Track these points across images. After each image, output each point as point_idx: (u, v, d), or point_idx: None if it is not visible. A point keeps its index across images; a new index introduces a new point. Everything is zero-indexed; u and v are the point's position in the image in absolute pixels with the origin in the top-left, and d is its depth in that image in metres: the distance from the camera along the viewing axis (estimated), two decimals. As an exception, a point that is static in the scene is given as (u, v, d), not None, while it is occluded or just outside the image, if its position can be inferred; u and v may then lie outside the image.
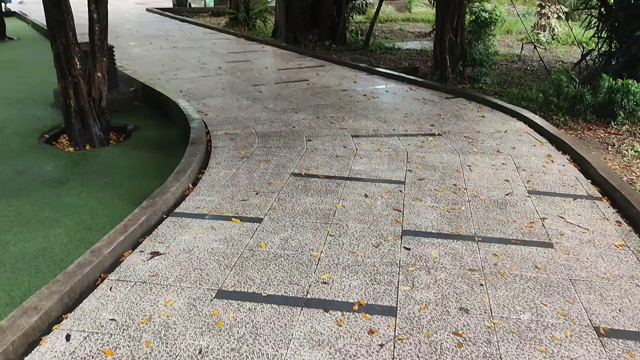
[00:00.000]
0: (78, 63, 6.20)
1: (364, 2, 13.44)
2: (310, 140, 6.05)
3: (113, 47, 7.61)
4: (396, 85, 8.93)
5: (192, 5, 19.94)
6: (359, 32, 13.52)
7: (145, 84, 8.13)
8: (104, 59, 6.53)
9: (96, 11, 6.33)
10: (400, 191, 4.73)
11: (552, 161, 5.56)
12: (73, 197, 4.79)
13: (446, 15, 9.17)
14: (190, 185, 4.79)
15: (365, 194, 4.65)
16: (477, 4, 11.75)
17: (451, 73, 9.30)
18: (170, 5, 19.68)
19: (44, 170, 5.45)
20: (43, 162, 5.68)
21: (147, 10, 18.74)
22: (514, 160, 5.54)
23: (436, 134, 6.38)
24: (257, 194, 4.61)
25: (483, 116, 7.16)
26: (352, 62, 10.51)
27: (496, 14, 10.39)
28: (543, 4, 15.45)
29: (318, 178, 4.99)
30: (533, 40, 14.09)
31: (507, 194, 4.72)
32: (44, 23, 14.32)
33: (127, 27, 14.78)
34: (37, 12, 17.12)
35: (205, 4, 19.92)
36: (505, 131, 6.51)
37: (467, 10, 10.19)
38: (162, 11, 18.04)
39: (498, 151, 5.81)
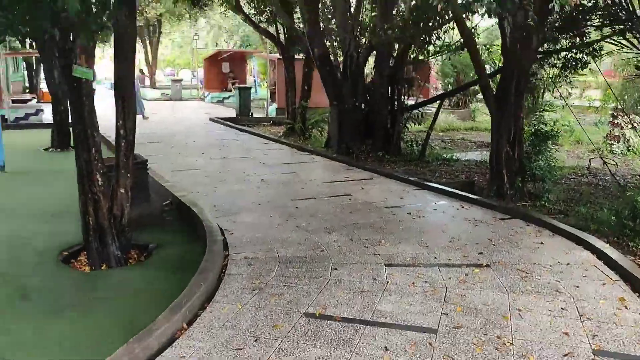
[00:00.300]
0: (100, 179, 5.99)
1: (420, 112, 13.07)
2: (336, 268, 5.36)
3: (147, 160, 7.46)
4: (447, 203, 8.20)
5: (255, 115, 20.47)
6: (415, 142, 13.07)
7: (179, 197, 7.85)
8: (128, 175, 6.31)
9: (123, 127, 6.20)
10: (430, 344, 3.89)
11: (626, 307, 4.53)
12: (68, 327, 4.34)
13: (502, 127, 8.54)
14: (185, 325, 4.17)
15: (386, 347, 3.83)
16: (538, 114, 11.11)
17: (509, 189, 8.50)
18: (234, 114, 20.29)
19: (50, 295, 5.05)
20: (52, 284, 5.31)
21: (211, 119, 19.34)
22: (576, 305, 4.57)
23: (484, 264, 5.52)
24: (256, 340, 3.91)
25: (542, 243, 6.23)
26: (403, 175, 9.92)
27: (562, 125, 9.68)
28: (615, 114, 14.56)
29: (333, 321, 4.24)
30: (606, 151, 13.12)
31: (565, 354, 3.75)
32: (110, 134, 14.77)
33: (184, 137, 15.12)
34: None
35: (267, 114, 20.41)
36: (568, 264, 5.55)
37: (526, 122, 9.54)
38: (224, 121, 18.53)
39: (557, 291, 4.86)
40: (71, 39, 5.35)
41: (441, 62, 24.60)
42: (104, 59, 55.05)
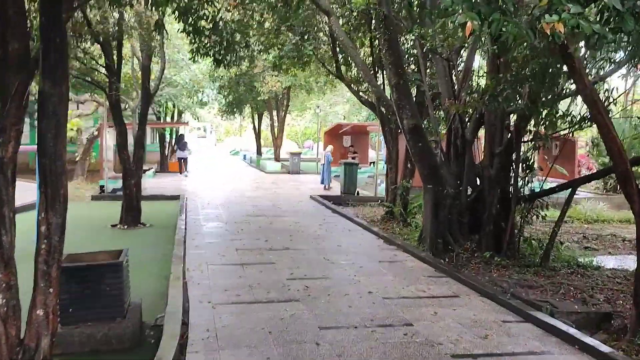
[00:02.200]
0: None
1: (543, 203, 9.89)
2: None
3: (121, 262, 5.59)
4: (556, 354, 5.21)
5: (361, 193, 18.32)
6: (539, 240, 9.91)
7: (167, 313, 5.85)
8: (51, 290, 4.46)
9: (45, 223, 4.40)
10: None
11: None
12: None
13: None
14: None
15: None
16: None
17: (668, 338, 5.30)
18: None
19: None
20: None
21: (311, 197, 17.56)
22: None
23: None
24: None
25: None
26: (502, 295, 6.98)
27: None
28: None
29: None
30: None
31: None
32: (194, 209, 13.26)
33: (265, 218, 13.40)
34: (205, 194, 17.09)
35: (376, 193, 18.15)
36: None
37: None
38: (323, 199, 16.58)
39: None
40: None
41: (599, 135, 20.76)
42: (247, 130, 57.41)
